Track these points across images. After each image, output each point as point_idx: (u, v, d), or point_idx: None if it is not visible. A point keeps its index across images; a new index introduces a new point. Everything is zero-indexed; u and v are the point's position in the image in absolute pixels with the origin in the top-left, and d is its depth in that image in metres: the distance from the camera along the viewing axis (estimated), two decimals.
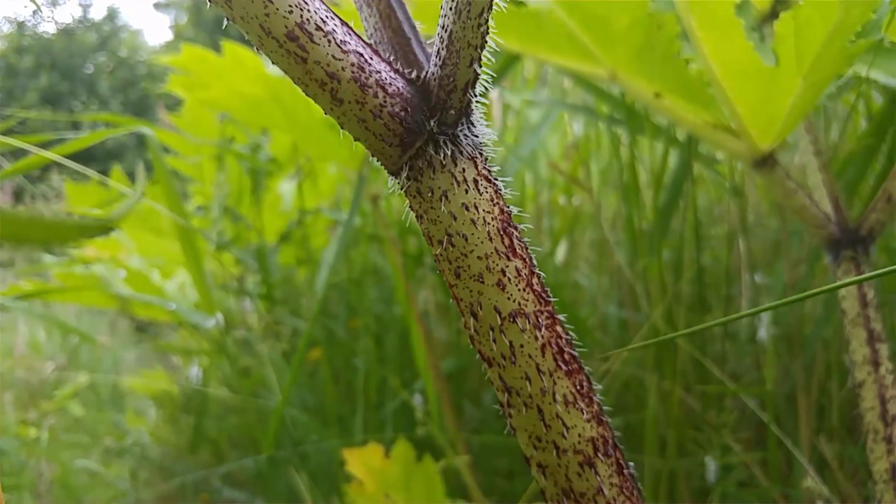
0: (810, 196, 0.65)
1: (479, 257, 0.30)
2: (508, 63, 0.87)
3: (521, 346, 0.31)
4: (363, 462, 0.76)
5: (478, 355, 0.32)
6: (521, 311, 0.30)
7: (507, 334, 0.30)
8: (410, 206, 0.30)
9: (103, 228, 0.34)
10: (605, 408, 0.32)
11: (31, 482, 1.76)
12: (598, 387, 0.33)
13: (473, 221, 0.30)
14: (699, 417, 0.81)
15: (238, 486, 1.41)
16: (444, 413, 0.84)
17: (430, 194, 0.29)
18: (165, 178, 0.78)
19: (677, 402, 0.74)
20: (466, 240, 0.30)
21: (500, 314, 0.30)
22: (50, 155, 0.70)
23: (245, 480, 1.46)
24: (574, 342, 0.32)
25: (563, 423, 0.31)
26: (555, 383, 0.31)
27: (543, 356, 0.31)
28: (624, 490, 0.32)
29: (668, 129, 0.87)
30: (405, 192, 0.30)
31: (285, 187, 1.60)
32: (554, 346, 0.31)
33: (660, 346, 0.77)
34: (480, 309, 0.30)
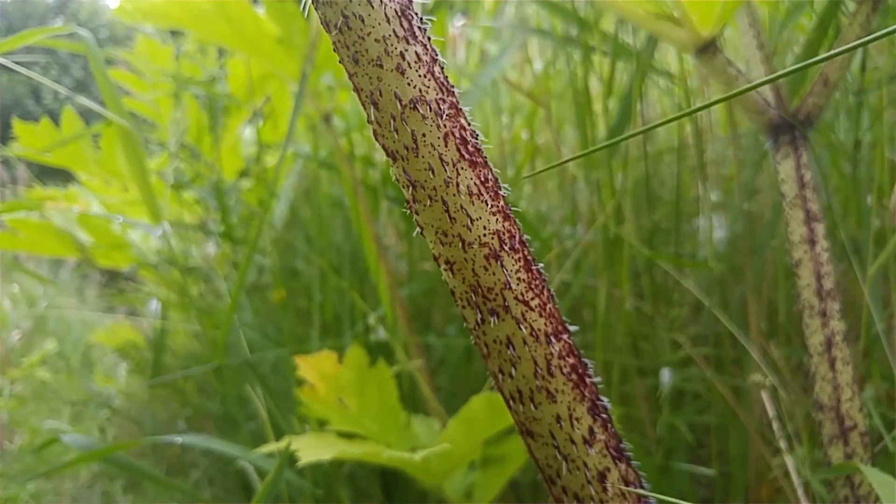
0: (751, 82, 0.65)
1: (376, 40, 0.29)
2: None
3: (424, 134, 0.30)
4: (316, 368, 0.76)
5: (383, 151, 0.31)
6: (422, 98, 0.30)
7: (409, 122, 0.30)
8: None
9: None
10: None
11: None
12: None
13: (369, 0, 0.29)
14: (651, 322, 0.82)
15: (203, 432, 1.41)
16: (398, 321, 0.84)
17: None
18: (104, 79, 0.76)
19: (628, 293, 0.75)
20: (363, 21, 0.29)
21: (400, 101, 0.30)
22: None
23: (210, 426, 1.46)
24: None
25: (468, 216, 0.31)
26: (458, 174, 0.31)
27: (446, 146, 0.30)
28: (532, 286, 0.32)
29: (616, 38, 0.87)
30: None
31: (246, 132, 1.58)
32: (457, 136, 0.31)
33: (609, 245, 0.78)
34: (381, 96, 0.30)
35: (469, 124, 0.31)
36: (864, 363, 0.80)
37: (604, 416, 0.34)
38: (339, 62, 0.30)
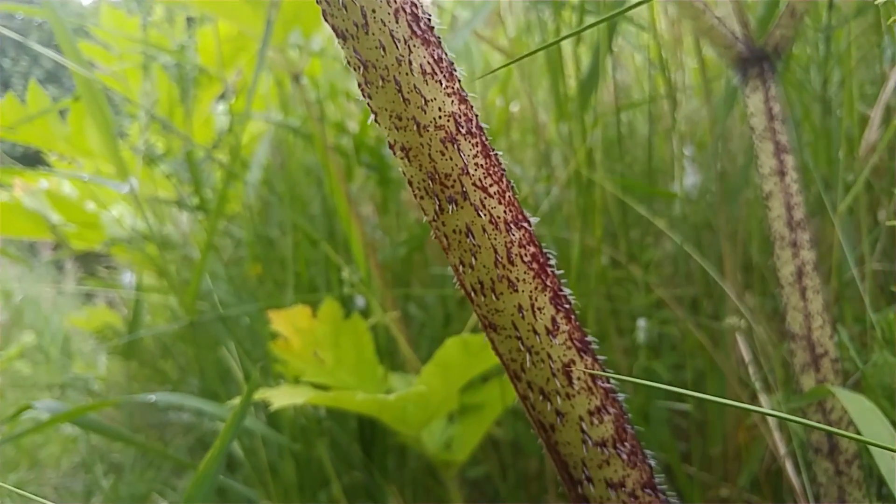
0: (719, 18, 0.65)
1: None
2: None
3: (373, 10, 0.29)
4: (290, 322, 0.75)
5: (332, 31, 0.31)
6: None
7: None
8: None
9: None
10: None
11: None
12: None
13: None
14: (626, 270, 0.82)
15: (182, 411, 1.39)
16: (374, 279, 0.83)
17: None
18: (68, 42, 0.73)
19: (602, 242, 0.75)
20: None
21: None
22: None
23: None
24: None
25: (422, 96, 0.30)
26: (410, 52, 0.30)
27: (397, 22, 0.30)
28: (491, 172, 0.32)
29: None
30: None
31: (219, 108, 1.56)
32: (408, 11, 0.30)
33: (583, 193, 0.78)
34: None
35: (421, 2, 0.30)
36: (837, 306, 0.80)
37: (567, 306, 0.33)
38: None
